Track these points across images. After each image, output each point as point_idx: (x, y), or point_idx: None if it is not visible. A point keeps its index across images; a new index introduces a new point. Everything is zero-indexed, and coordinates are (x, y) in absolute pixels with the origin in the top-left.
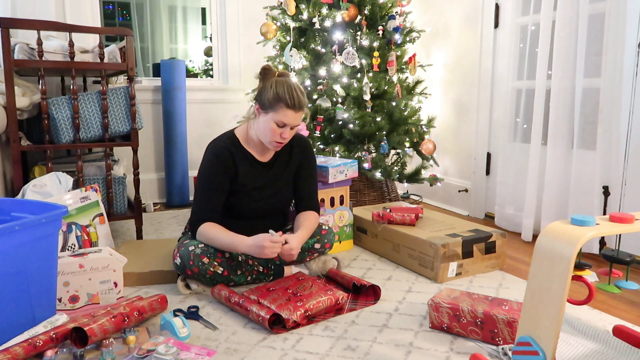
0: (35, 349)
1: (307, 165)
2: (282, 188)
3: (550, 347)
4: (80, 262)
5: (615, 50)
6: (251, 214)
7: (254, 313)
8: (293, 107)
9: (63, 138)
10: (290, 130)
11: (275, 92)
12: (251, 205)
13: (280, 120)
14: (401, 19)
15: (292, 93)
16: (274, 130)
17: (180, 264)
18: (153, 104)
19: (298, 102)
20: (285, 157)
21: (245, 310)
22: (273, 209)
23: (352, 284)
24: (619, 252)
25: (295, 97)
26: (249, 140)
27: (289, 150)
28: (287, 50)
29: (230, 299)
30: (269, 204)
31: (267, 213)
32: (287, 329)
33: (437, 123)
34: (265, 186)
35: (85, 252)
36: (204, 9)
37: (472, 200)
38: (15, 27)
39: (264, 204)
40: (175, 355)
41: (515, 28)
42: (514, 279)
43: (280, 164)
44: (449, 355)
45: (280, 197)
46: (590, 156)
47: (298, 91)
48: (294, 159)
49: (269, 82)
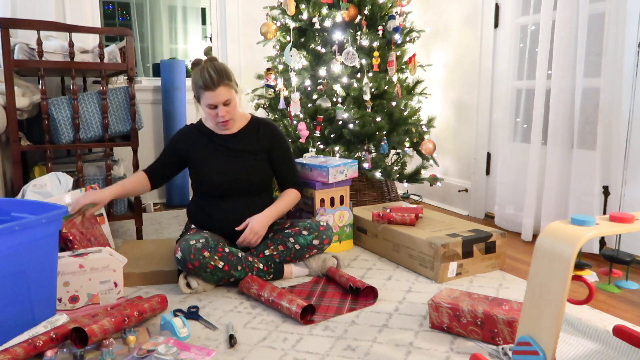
0: (35, 349)
1: (279, 147)
2: (247, 161)
3: (550, 347)
4: (80, 262)
5: (615, 50)
6: (222, 190)
7: (285, 307)
8: (209, 88)
9: (63, 138)
10: (224, 107)
11: (193, 81)
12: (215, 178)
13: (207, 103)
14: (401, 19)
15: (204, 75)
16: (211, 113)
17: (181, 258)
18: (153, 104)
19: (210, 81)
20: (252, 132)
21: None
22: (243, 184)
23: (348, 286)
24: (619, 252)
25: (206, 77)
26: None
27: (255, 129)
28: (287, 50)
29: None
30: (235, 179)
31: (238, 191)
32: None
33: (437, 123)
34: (227, 157)
35: (85, 253)
36: (204, 9)
37: (472, 200)
38: (15, 27)
39: (229, 177)
40: (175, 355)
41: (515, 28)
42: (514, 279)
43: (244, 136)
44: (449, 355)
45: (247, 170)
46: (590, 156)
47: (210, 70)
48: (262, 140)
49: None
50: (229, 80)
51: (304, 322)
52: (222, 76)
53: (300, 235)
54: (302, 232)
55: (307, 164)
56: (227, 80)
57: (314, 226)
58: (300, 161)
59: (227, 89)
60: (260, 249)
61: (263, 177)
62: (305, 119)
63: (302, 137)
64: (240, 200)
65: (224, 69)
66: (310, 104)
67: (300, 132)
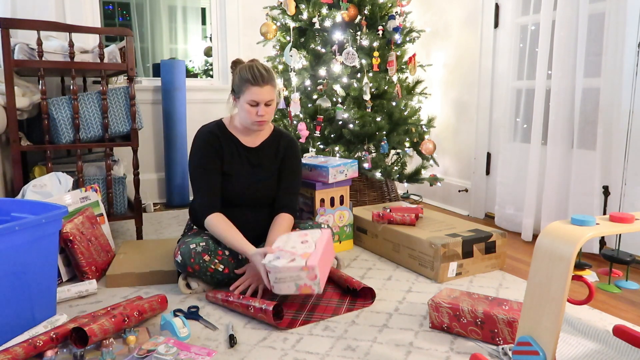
0: (35, 349)
1: (291, 161)
2: (268, 177)
3: (550, 347)
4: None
5: (615, 50)
6: (239, 201)
7: (255, 308)
8: (257, 83)
9: (63, 138)
10: (265, 107)
11: (239, 76)
12: (238, 189)
13: (251, 99)
14: (401, 19)
15: (253, 71)
16: (250, 111)
17: (181, 262)
18: (153, 104)
19: (260, 77)
20: (273, 147)
21: (246, 308)
22: (260, 197)
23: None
24: (619, 252)
25: (256, 73)
26: (234, 126)
27: (277, 141)
28: (287, 50)
29: (227, 299)
30: (255, 192)
31: (254, 202)
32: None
33: (437, 123)
34: (251, 170)
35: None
36: (204, 9)
37: (472, 200)
38: (15, 27)
39: (250, 190)
40: (175, 355)
41: (515, 28)
42: (514, 279)
43: (267, 151)
44: (449, 355)
45: (266, 185)
46: (590, 156)
47: (260, 68)
48: (280, 151)
49: (236, 70)
50: (275, 82)
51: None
52: (272, 76)
53: None
54: None
55: (307, 164)
56: (274, 82)
57: (315, 228)
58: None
59: (273, 89)
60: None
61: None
62: (305, 119)
63: (302, 137)
64: (249, 210)
65: (272, 71)
66: (310, 104)
67: (300, 132)
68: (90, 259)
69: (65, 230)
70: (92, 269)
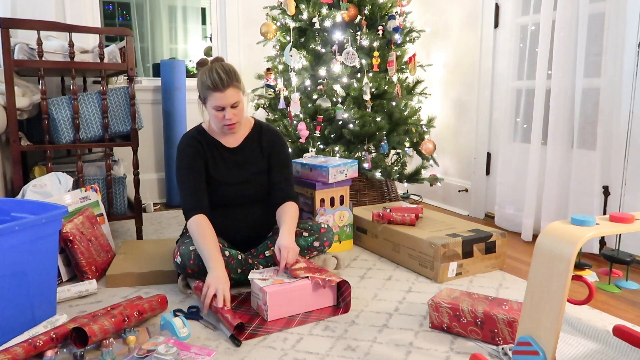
0: (35, 349)
1: (278, 155)
2: (256, 175)
3: (550, 347)
4: None
5: (615, 50)
6: (228, 201)
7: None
8: (217, 89)
9: (63, 138)
10: (232, 109)
11: (201, 82)
12: (225, 191)
13: (214, 104)
14: (401, 19)
15: (213, 76)
16: (217, 116)
17: (180, 263)
18: (153, 104)
19: (220, 82)
20: (255, 143)
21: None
22: (250, 195)
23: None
24: (619, 252)
25: (215, 79)
26: (213, 130)
27: (257, 137)
28: (287, 50)
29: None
30: (245, 190)
31: (245, 200)
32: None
33: (437, 123)
34: (237, 170)
35: None
36: (204, 9)
37: (472, 200)
38: (15, 27)
39: (237, 190)
40: (175, 355)
41: (515, 28)
42: (514, 279)
43: (250, 148)
44: (449, 355)
45: (254, 183)
46: (590, 156)
47: (219, 71)
48: (264, 147)
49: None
50: (237, 82)
51: (243, 338)
52: (232, 77)
53: (300, 237)
54: (302, 234)
55: (307, 164)
56: (236, 82)
57: (315, 228)
58: (300, 161)
59: (236, 91)
60: (260, 250)
61: (264, 188)
62: (305, 119)
63: (302, 137)
64: (242, 208)
65: (233, 70)
66: (310, 104)
67: (300, 132)
68: (90, 259)
69: (65, 230)
70: (92, 269)
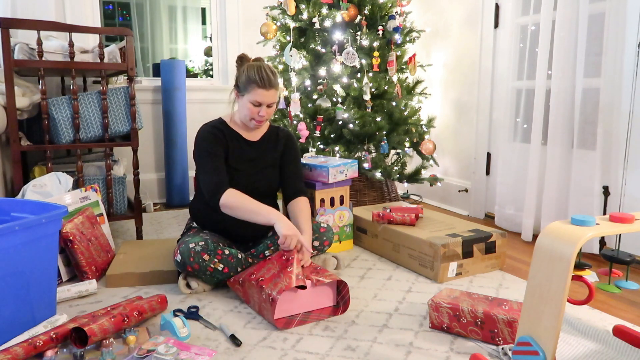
0: (35, 349)
1: (290, 151)
2: (269, 168)
3: (550, 347)
4: None
5: (615, 50)
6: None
7: (267, 294)
8: (264, 86)
9: (63, 138)
10: (267, 108)
11: (247, 75)
12: (241, 181)
13: (255, 99)
14: (401, 19)
15: (262, 74)
16: (252, 110)
17: (180, 261)
18: (153, 104)
19: (268, 81)
20: (272, 140)
21: (259, 290)
22: (261, 188)
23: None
24: (619, 252)
25: (264, 77)
26: (235, 123)
27: (275, 135)
28: (287, 50)
29: (250, 278)
30: (257, 182)
31: (256, 193)
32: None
33: (437, 123)
34: (253, 162)
35: None
36: (204, 9)
37: (472, 200)
38: (15, 27)
39: (252, 181)
40: (175, 355)
41: (515, 28)
42: (514, 279)
43: (267, 144)
44: (449, 355)
45: (268, 176)
46: (590, 156)
47: (268, 71)
48: (279, 145)
49: (242, 67)
50: (278, 86)
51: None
52: (277, 80)
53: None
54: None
55: (307, 164)
56: (279, 85)
57: (315, 228)
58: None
59: (276, 93)
60: (260, 250)
61: (276, 182)
62: (305, 119)
63: (302, 137)
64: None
65: (277, 73)
66: (310, 104)
67: (300, 132)
68: (90, 259)
69: (65, 230)
70: (92, 269)
